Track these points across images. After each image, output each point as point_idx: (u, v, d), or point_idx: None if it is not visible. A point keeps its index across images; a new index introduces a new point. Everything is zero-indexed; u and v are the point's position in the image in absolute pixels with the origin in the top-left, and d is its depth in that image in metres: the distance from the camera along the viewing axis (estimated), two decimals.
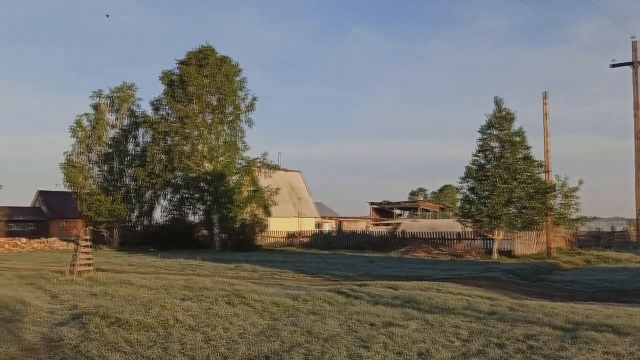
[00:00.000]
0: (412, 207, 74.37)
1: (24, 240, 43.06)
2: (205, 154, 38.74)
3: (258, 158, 40.39)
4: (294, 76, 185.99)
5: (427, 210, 71.74)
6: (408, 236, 34.75)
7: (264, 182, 41.08)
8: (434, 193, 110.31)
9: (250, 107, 40.57)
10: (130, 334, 7.25)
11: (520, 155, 27.84)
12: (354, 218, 64.19)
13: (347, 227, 54.56)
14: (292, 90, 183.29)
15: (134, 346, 6.70)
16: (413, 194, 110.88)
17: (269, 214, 42.69)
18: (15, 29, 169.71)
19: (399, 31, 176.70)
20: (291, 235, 42.44)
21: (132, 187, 44.42)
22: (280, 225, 44.97)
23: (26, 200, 72.27)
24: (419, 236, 33.93)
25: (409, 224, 49.72)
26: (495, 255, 27.04)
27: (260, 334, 7.50)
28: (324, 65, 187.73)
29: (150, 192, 44.19)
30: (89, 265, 16.84)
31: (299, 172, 56.16)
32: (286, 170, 50.47)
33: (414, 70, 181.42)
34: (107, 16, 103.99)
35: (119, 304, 9.85)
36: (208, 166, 38.71)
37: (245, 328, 7.89)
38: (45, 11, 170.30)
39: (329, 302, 10.34)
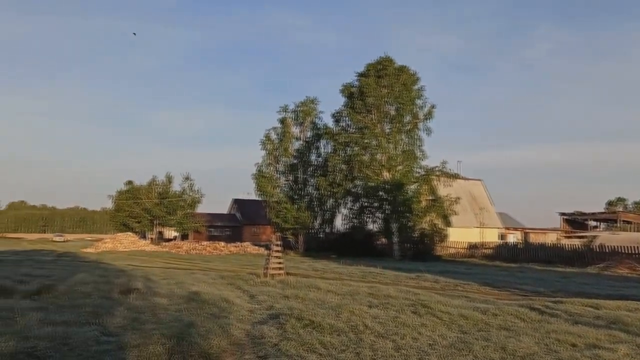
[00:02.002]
0: (609, 219, 67.22)
1: (222, 243, 47.67)
2: (383, 163, 39.20)
3: (436, 166, 39.81)
4: (473, 81, 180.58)
5: (629, 222, 64.13)
6: (607, 250, 31.45)
7: (442, 190, 40.29)
8: (636, 203, 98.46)
9: (428, 115, 40.18)
10: (324, 336, 7.53)
11: None
12: (542, 229, 59.92)
13: (534, 238, 51.15)
14: (472, 95, 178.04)
15: (328, 348, 6.93)
16: (610, 203, 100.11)
17: (448, 223, 41.75)
18: (208, 54, 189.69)
19: (589, 26, 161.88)
20: (473, 246, 40.96)
21: (314, 195, 46.71)
22: (461, 235, 43.66)
23: (223, 207, 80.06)
24: (620, 250, 30.51)
25: (606, 237, 44.87)
26: None
27: (450, 346, 7.30)
28: (504, 68, 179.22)
29: (332, 200, 46.03)
30: (280, 268, 17.96)
31: (479, 180, 54.09)
32: (466, 179, 48.88)
33: (607, 66, 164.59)
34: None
35: (309, 306, 10.29)
36: (386, 175, 39.10)
37: (434, 339, 7.74)
38: (232, 36, 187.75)
39: (521, 317, 9.74)
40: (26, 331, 6.97)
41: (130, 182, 69.58)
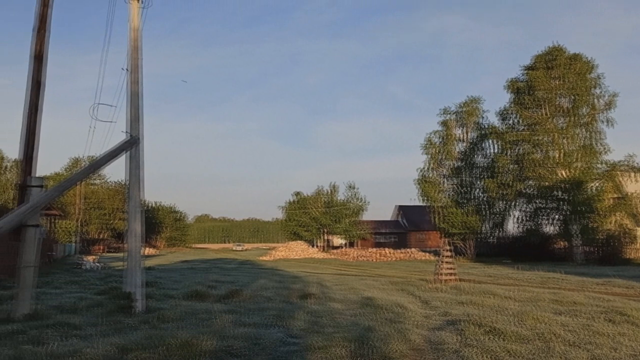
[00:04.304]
0: None
1: (389, 250, 47.95)
2: (558, 161, 36.62)
3: (622, 160, 36.14)
4: None
5: None
6: None
7: (631, 187, 36.36)
8: None
9: (609, 105, 36.72)
10: (507, 343, 7.12)
11: None
12: None
13: None
14: None
15: (514, 357, 6.54)
16: None
17: (639, 223, 37.48)
18: (368, 64, 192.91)
19: None
20: None
21: (482, 198, 44.95)
22: None
23: (387, 214, 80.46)
24: None
25: None
26: None
27: None
28: None
29: (501, 202, 43.96)
30: (452, 274, 17.52)
31: None
32: None
33: None
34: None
35: (488, 313, 9.86)
36: (562, 173, 36.40)
37: (637, 349, 6.92)
38: (391, 43, 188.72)
39: None
40: (223, 331, 7.59)
41: (298, 193, 73.11)
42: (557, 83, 36.76)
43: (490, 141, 44.73)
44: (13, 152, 76.46)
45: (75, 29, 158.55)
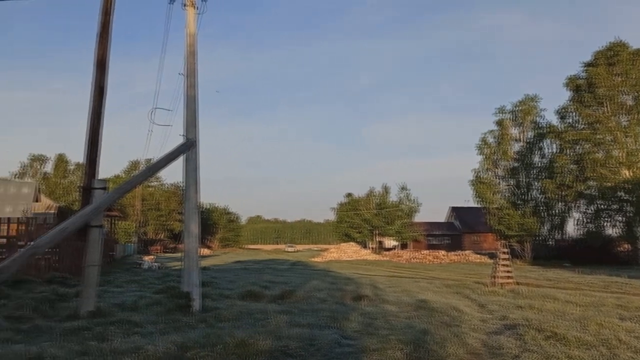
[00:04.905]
0: None
1: (442, 252, 47.21)
2: (622, 160, 35.21)
3: None
4: None
5: None
6: None
7: None
8: None
9: None
10: (570, 349, 6.88)
11: None
12: None
13: None
14: None
15: None
16: None
17: None
18: (419, 63, 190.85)
19: None
20: None
21: (540, 199, 43.69)
22: None
23: (440, 215, 79.30)
24: None
25: None
26: None
27: None
28: None
29: (560, 204, 42.62)
30: (509, 277, 17.09)
31: None
32: None
33: None
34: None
35: (548, 318, 9.55)
36: (626, 173, 34.95)
37: None
38: (443, 42, 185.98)
39: None
40: (278, 331, 7.65)
41: (349, 195, 73.11)
42: (619, 80, 35.41)
43: (549, 140, 43.48)
44: (74, 155, 79.68)
45: (131, 35, 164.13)
